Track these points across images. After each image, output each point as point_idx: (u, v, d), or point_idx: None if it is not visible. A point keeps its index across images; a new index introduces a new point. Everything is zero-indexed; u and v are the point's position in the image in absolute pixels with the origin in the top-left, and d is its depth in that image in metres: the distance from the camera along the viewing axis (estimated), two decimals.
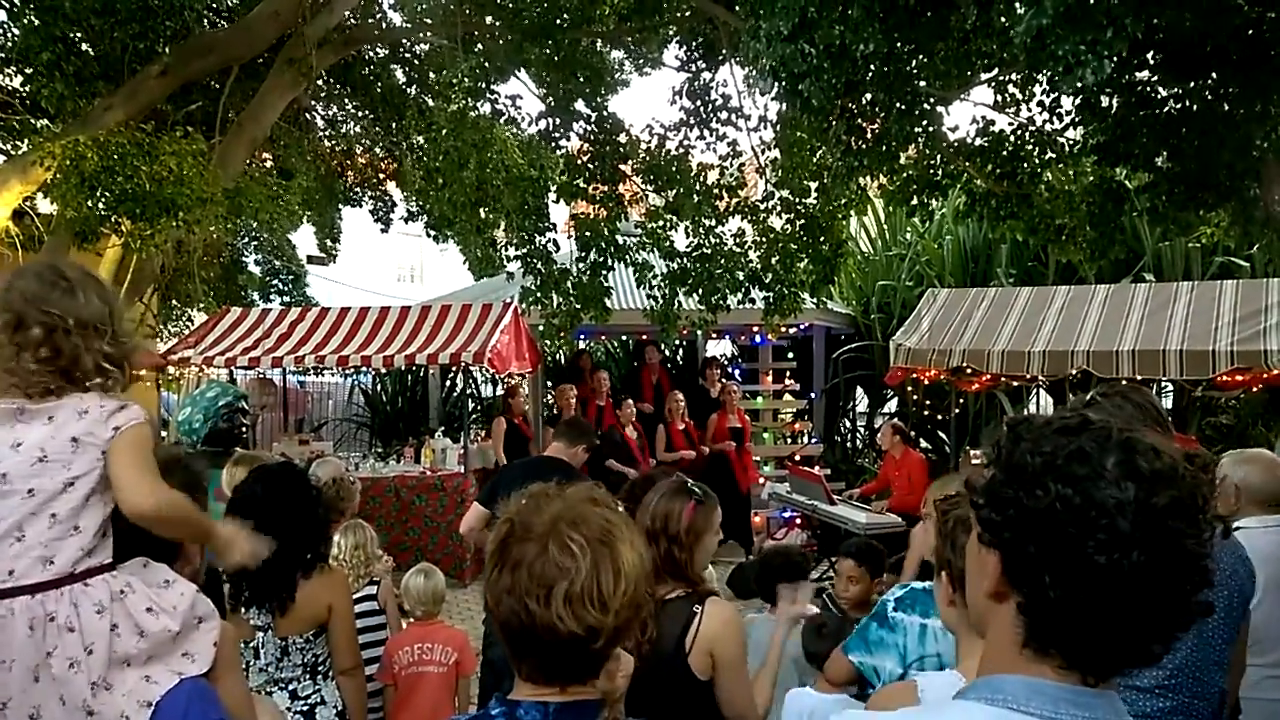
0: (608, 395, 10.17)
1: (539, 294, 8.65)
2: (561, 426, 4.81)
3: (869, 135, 5.44)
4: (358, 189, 12.97)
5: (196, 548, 2.17)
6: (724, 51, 8.50)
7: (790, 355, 12.25)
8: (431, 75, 10.77)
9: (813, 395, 11.94)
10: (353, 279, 21.56)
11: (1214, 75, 4.74)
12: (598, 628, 1.27)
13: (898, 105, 5.13)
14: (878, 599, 3.05)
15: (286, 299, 15.72)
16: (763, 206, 8.98)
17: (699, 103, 8.82)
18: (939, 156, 7.25)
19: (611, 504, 1.39)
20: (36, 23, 6.93)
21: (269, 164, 11.55)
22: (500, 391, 12.75)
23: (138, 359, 2.09)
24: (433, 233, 13.42)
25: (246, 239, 14.48)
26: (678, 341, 12.66)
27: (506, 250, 9.22)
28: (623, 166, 8.85)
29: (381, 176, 12.86)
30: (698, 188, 8.72)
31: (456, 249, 14.41)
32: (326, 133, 12.29)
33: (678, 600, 2.51)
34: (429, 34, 10.32)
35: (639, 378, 11.43)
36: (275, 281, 15.93)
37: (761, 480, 10.27)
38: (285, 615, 2.89)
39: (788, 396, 11.86)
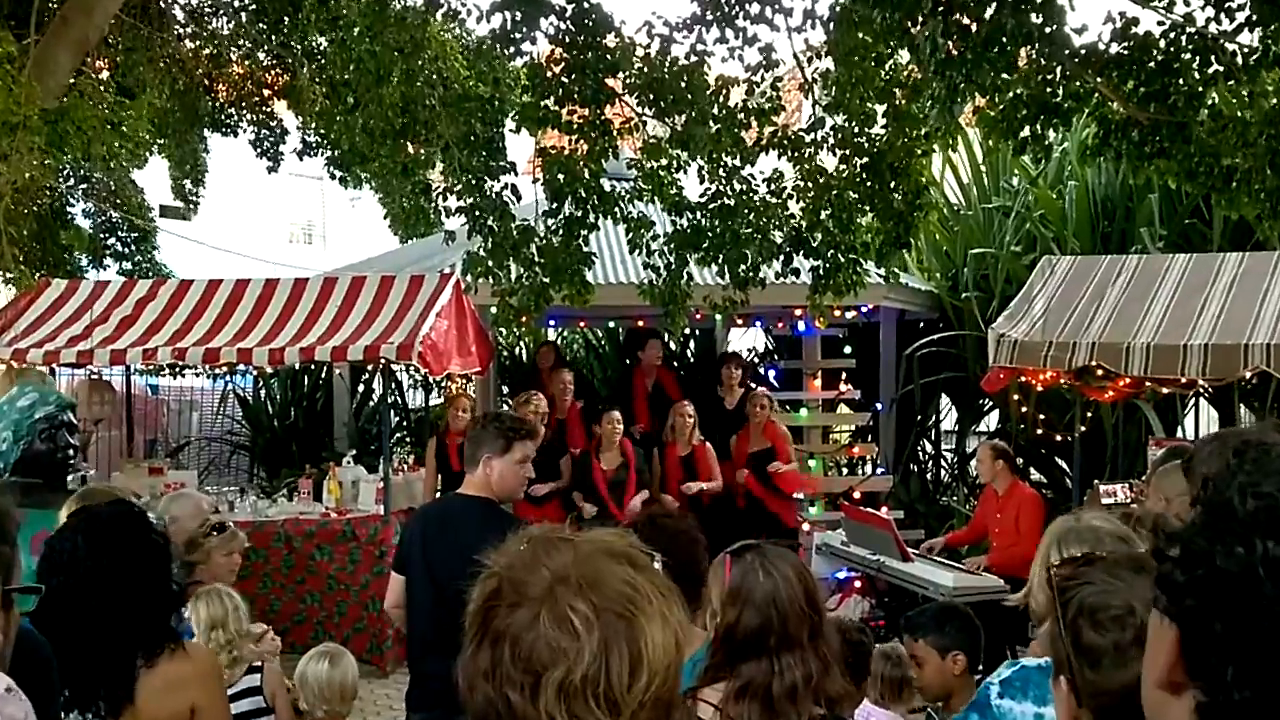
0: (573, 403, 10.13)
1: (491, 262, 8.64)
2: (466, 445, 4.45)
3: (974, 36, 5.33)
4: (232, 110, 12.93)
5: (1, 620, 2.16)
6: None
7: (848, 351, 12.26)
8: None
9: (879, 407, 11.95)
10: (225, 239, 21.53)
11: None
12: None
13: None
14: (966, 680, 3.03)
15: (129, 266, 15.69)
16: (809, 139, 8.98)
17: None
18: (1059, 69, 7.26)
19: (643, 559, 1.39)
20: None
21: (105, 75, 11.51)
22: (437, 400, 12.75)
23: None
24: (340, 174, 13.43)
25: (72, 181, 14.44)
26: (688, 330, 12.63)
27: (445, 200, 9.20)
28: (611, 81, 8.82)
29: (267, 94, 12.83)
30: (717, 112, 8.71)
31: (374, 198, 14.46)
32: (189, 30, 12.26)
33: None
34: None
35: (630, 383, 11.40)
36: (112, 241, 15.89)
37: (805, 526, 10.26)
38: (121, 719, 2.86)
39: (843, 409, 11.85)
